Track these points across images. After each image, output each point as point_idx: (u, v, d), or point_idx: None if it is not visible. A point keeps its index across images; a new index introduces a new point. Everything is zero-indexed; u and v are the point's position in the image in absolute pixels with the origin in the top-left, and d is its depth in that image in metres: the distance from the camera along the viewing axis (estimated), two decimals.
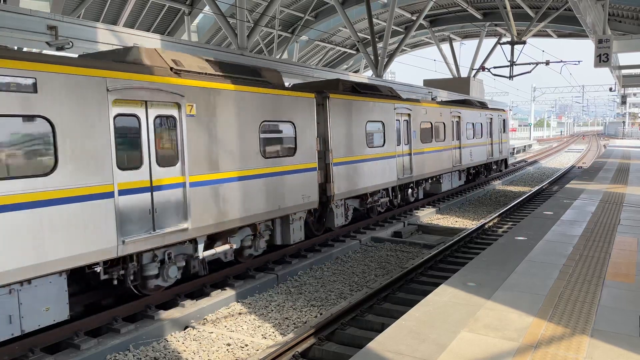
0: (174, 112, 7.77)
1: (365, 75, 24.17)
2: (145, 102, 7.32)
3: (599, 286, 6.32)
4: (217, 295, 8.46)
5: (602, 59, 15.57)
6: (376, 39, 25.87)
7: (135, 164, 7.20)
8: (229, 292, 8.61)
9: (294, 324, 7.73)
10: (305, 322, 7.74)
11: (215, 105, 8.44)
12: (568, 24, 30.56)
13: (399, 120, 14.99)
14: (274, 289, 9.37)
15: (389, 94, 14.66)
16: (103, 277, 7.02)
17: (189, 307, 7.91)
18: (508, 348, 4.67)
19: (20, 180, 5.83)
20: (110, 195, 6.78)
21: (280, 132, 10.10)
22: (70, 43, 10.24)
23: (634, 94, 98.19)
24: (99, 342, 6.68)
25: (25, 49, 11.50)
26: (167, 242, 7.61)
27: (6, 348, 6.05)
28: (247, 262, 9.69)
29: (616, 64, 27.81)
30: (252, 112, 9.26)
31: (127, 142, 7.11)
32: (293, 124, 10.38)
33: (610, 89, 46.88)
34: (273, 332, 7.44)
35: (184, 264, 8.27)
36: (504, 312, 5.55)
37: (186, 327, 7.63)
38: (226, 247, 8.89)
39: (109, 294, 8.04)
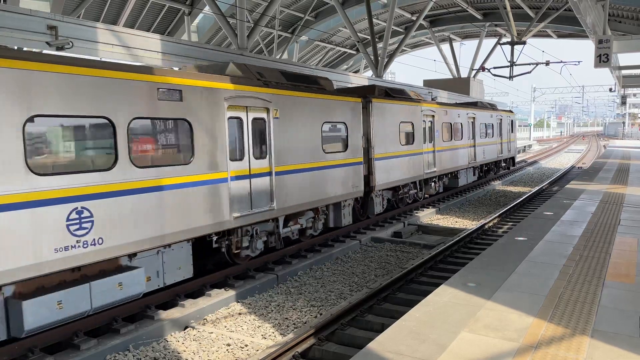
0: (264, 115, 9.72)
1: (365, 76, 24.16)
2: (247, 107, 9.25)
3: (599, 286, 6.32)
4: (217, 296, 8.45)
5: (602, 59, 15.57)
6: (376, 39, 25.87)
7: (240, 157, 9.18)
8: (229, 292, 8.61)
9: (294, 324, 7.73)
10: (305, 323, 7.74)
11: (291, 110, 10.38)
12: (568, 24, 30.57)
13: (424, 121, 16.87)
14: (274, 289, 9.37)
15: (415, 97, 16.76)
16: (214, 245, 8.86)
17: (189, 307, 7.91)
18: (508, 348, 4.67)
19: (170, 167, 7.80)
20: (225, 180, 8.75)
21: (336, 131, 12.04)
22: (70, 43, 10.25)
23: (634, 95, 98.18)
24: (98, 342, 6.68)
25: (25, 49, 11.49)
26: (258, 220, 9.54)
27: (6, 348, 6.05)
28: (247, 263, 9.71)
29: (616, 65, 27.81)
30: (316, 114, 11.17)
31: (235, 139, 9.08)
32: (345, 124, 12.30)
33: (610, 90, 46.91)
34: (273, 333, 7.44)
35: (265, 239, 10.04)
36: (504, 312, 5.55)
37: (186, 327, 7.63)
38: (297, 226, 10.98)
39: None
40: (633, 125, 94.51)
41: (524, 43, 25.92)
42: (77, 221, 6.43)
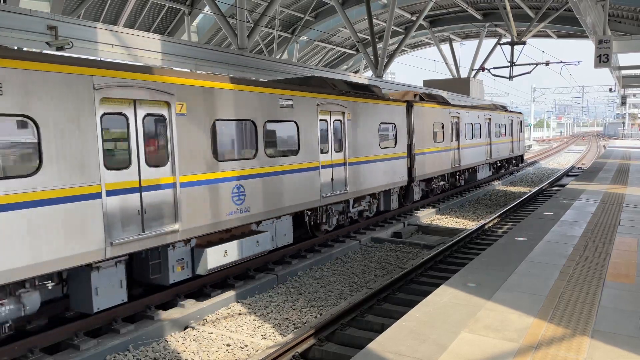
0: (341, 117, 12.26)
1: (365, 76, 24.16)
2: (330, 111, 11.80)
3: (599, 287, 6.32)
4: (217, 296, 8.45)
5: (602, 59, 15.57)
6: (376, 40, 25.87)
7: (326, 150, 11.70)
8: (229, 293, 8.60)
9: (294, 324, 7.72)
10: (305, 323, 7.73)
11: (358, 113, 12.89)
12: (568, 25, 30.57)
13: (451, 122, 19.16)
14: (274, 289, 9.36)
15: (444, 101, 19.36)
16: (306, 219, 11.29)
17: (189, 308, 7.91)
18: (508, 349, 4.67)
19: (286, 157, 10.28)
20: (317, 168, 11.30)
21: (388, 130, 14.54)
22: (70, 43, 10.25)
23: (634, 95, 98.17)
24: (98, 343, 6.67)
25: (25, 49, 11.48)
26: (336, 200, 12.03)
27: (6, 348, 6.05)
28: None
29: (616, 65, 27.81)
30: (375, 116, 13.71)
31: (322, 136, 11.54)
32: (394, 124, 14.89)
33: (610, 90, 46.91)
34: (273, 333, 7.43)
35: (337, 217, 12.62)
36: (504, 312, 5.54)
37: (186, 328, 7.62)
38: (361, 207, 13.56)
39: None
40: (633, 125, 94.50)
41: (523, 43, 25.92)
42: (237, 194, 9.02)
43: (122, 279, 7.17)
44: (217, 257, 8.43)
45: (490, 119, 23.66)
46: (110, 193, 6.76)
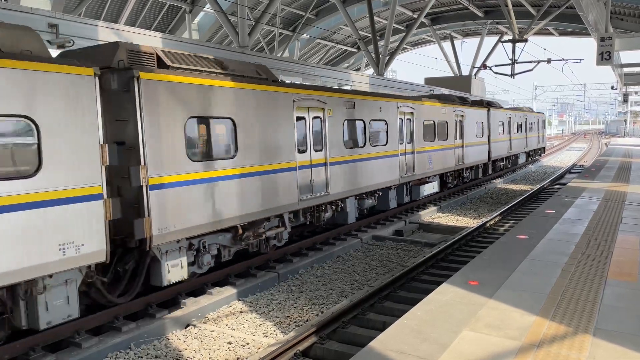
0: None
1: (367, 74, 24.13)
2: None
3: (601, 285, 6.31)
4: (219, 294, 8.45)
5: (605, 57, 15.53)
6: (377, 37, 25.83)
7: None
8: (230, 291, 8.60)
9: (295, 322, 7.73)
10: (307, 321, 7.73)
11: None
12: (569, 22, 30.52)
13: (503, 121, 25.05)
14: (275, 287, 9.36)
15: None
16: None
17: (190, 306, 7.91)
18: (510, 347, 4.66)
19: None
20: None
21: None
22: (72, 41, 10.23)
23: (636, 92, 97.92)
24: (100, 341, 6.68)
25: None
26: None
27: (7, 347, 6.05)
28: (248, 261, 9.71)
29: (618, 62, 27.76)
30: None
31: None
32: (482, 122, 20.47)
33: (612, 87, 46.80)
34: (274, 331, 7.43)
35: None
36: (506, 311, 5.53)
37: (187, 326, 7.63)
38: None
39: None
40: (635, 123, 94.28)
41: (525, 41, 25.87)
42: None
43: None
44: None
45: (526, 119, 30.43)
46: None
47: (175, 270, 7.85)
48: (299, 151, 10.59)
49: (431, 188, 16.93)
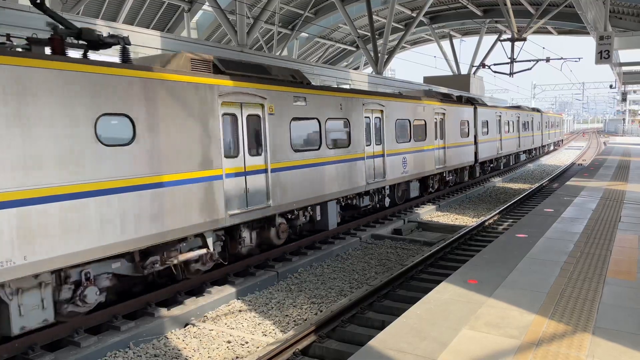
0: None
1: (366, 73, 24.12)
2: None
3: (601, 284, 6.31)
4: (218, 293, 8.44)
5: (604, 55, 15.54)
6: (376, 36, 25.80)
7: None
8: (229, 290, 8.60)
9: (295, 321, 7.72)
10: (306, 320, 7.73)
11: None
12: (568, 21, 30.52)
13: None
14: (274, 286, 9.36)
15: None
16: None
17: (189, 305, 7.90)
18: (509, 346, 4.66)
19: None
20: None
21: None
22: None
23: (634, 91, 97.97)
24: (99, 340, 6.67)
25: None
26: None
27: (6, 346, 6.04)
28: (246, 260, 9.69)
29: (617, 61, 27.77)
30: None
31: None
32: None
33: (611, 86, 46.82)
34: (273, 330, 7.43)
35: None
36: (505, 309, 5.53)
37: (186, 325, 7.62)
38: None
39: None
40: (633, 122, 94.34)
41: (524, 40, 25.86)
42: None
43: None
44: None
45: (548, 119, 40.00)
46: None
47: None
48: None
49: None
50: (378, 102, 13.72)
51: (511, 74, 26.92)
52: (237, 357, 6.59)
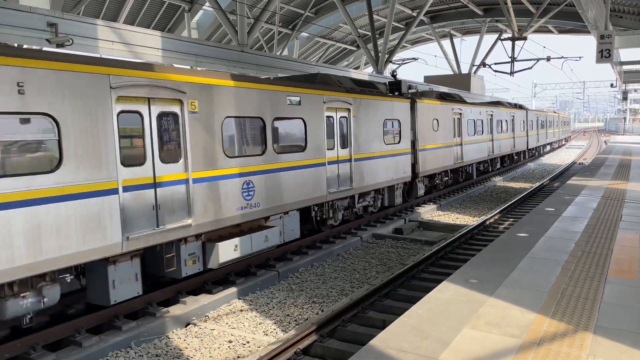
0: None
1: (366, 72, 24.11)
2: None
3: (602, 282, 6.31)
4: (219, 293, 8.45)
5: (604, 54, 15.52)
6: (377, 36, 25.80)
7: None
8: (231, 289, 8.60)
9: (296, 320, 7.73)
10: (307, 319, 7.74)
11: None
12: (569, 20, 30.47)
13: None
14: (275, 285, 9.36)
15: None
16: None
17: (191, 305, 7.91)
18: (511, 345, 4.66)
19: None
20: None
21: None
22: (70, 40, 10.23)
23: (635, 90, 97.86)
24: (100, 340, 6.68)
25: (25, 46, 11.47)
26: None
27: (7, 346, 6.05)
28: (249, 260, 9.73)
29: (617, 60, 27.73)
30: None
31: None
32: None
33: (612, 85, 46.79)
34: (274, 329, 7.44)
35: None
36: (506, 308, 5.54)
37: (188, 324, 7.63)
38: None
39: None
40: (634, 121, 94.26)
41: (524, 39, 25.85)
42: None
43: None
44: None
45: (558, 117, 43.78)
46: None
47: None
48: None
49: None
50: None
51: (512, 73, 26.90)
52: (238, 357, 6.60)
